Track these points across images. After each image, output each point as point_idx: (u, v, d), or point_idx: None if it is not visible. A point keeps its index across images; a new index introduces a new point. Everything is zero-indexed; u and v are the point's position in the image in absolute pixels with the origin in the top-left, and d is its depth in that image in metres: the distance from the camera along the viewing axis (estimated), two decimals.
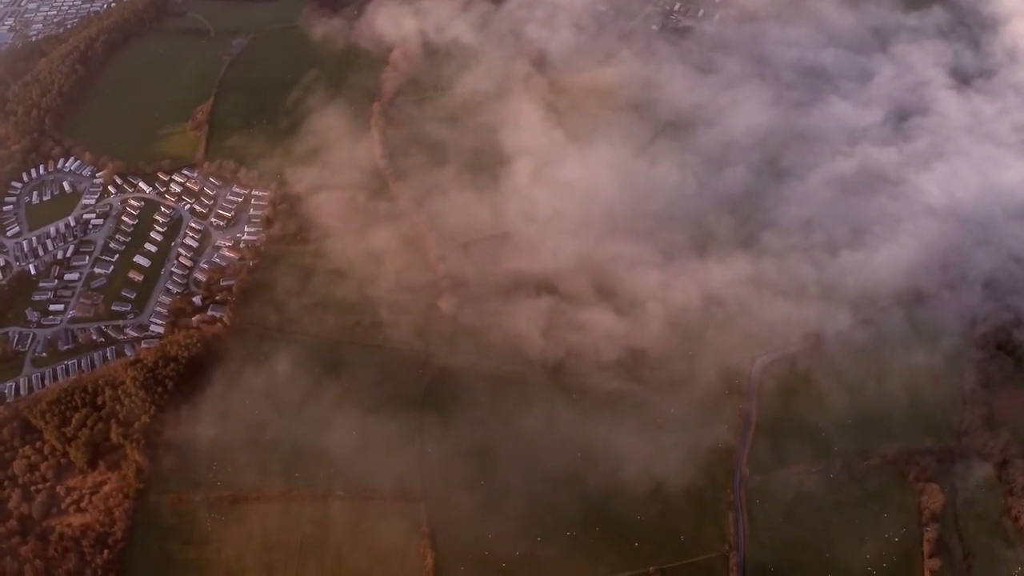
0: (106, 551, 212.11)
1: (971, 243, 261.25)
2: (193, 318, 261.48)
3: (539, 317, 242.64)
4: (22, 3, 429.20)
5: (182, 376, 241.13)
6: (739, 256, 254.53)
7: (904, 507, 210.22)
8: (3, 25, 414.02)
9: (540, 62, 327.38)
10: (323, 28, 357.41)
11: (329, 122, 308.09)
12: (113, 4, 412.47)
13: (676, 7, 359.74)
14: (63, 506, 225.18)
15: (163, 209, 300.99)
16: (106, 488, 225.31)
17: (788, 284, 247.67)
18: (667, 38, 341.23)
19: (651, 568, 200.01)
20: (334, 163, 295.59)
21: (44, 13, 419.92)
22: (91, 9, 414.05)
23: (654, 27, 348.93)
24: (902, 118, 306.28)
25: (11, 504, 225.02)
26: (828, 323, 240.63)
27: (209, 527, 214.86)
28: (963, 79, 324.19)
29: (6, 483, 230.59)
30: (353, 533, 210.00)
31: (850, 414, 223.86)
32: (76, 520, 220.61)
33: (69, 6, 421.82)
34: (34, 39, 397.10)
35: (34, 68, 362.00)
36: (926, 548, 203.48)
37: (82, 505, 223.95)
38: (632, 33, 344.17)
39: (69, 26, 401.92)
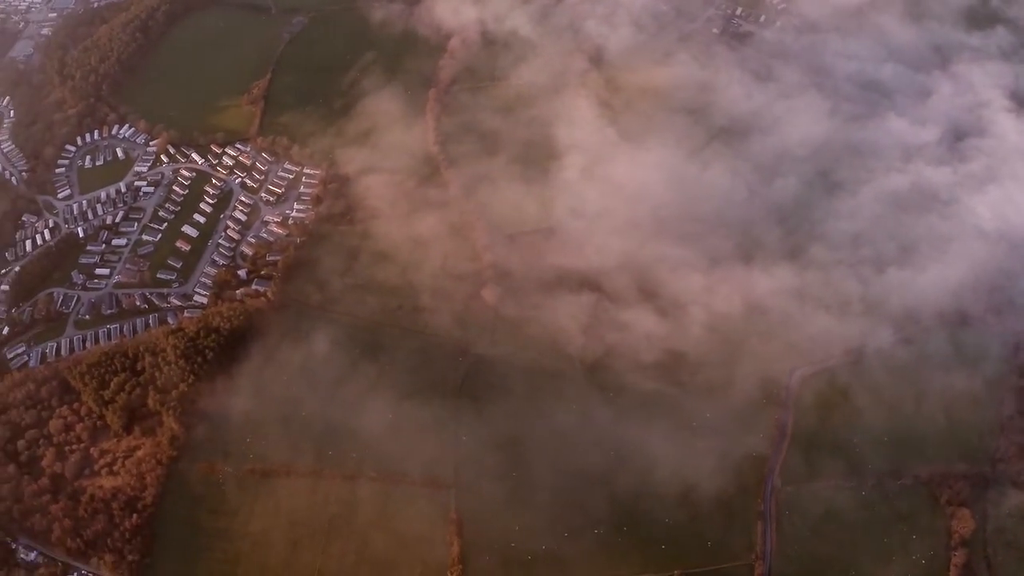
0: (135, 515, 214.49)
1: (1020, 268, 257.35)
2: (237, 291, 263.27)
3: (580, 313, 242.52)
4: None
5: (222, 347, 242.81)
6: (785, 266, 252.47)
7: (933, 530, 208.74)
8: None
9: (597, 59, 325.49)
10: (382, 12, 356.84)
11: (383, 105, 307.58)
12: None
13: (738, 11, 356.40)
14: (96, 468, 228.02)
15: (214, 181, 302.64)
16: (139, 453, 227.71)
17: (832, 298, 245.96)
18: (727, 42, 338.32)
19: (676, 572, 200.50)
20: (385, 146, 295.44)
21: None
22: None
23: (715, 30, 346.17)
24: (958, 138, 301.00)
25: (44, 462, 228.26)
26: (870, 339, 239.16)
27: (238, 499, 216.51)
28: (1022, 102, 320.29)
29: (41, 441, 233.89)
30: (380, 516, 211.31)
31: (886, 432, 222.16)
32: (108, 483, 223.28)
33: None
34: (96, 6, 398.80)
35: (94, 34, 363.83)
36: (952, 573, 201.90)
37: (114, 468, 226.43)
38: (692, 35, 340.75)
39: None
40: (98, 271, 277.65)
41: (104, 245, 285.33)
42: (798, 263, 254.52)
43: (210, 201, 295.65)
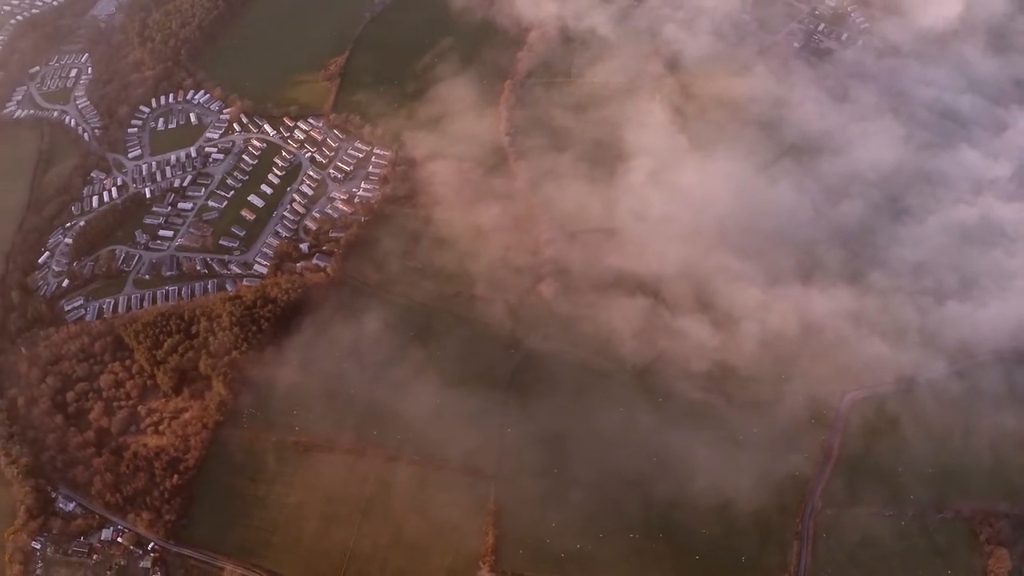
0: (176, 476, 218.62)
1: None
2: (297, 264, 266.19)
3: (634, 317, 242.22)
4: None
5: (277, 318, 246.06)
6: (844, 289, 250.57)
7: (970, 568, 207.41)
8: None
9: (673, 64, 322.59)
10: None
11: (456, 92, 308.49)
12: None
13: (820, 27, 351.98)
14: (142, 426, 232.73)
15: (284, 154, 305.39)
16: (186, 415, 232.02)
17: (888, 324, 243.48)
18: (806, 58, 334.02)
19: None
20: (455, 133, 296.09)
21: None
22: None
23: (795, 44, 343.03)
24: None
25: (92, 416, 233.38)
26: (923, 369, 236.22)
27: (278, 469, 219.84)
28: None
29: (90, 395, 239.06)
30: (417, 500, 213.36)
31: (931, 464, 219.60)
32: (152, 441, 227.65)
33: None
34: None
35: None
36: None
37: (160, 428, 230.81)
38: (772, 48, 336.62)
39: None
40: (162, 232, 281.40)
41: (170, 208, 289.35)
42: (857, 287, 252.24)
43: (278, 173, 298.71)
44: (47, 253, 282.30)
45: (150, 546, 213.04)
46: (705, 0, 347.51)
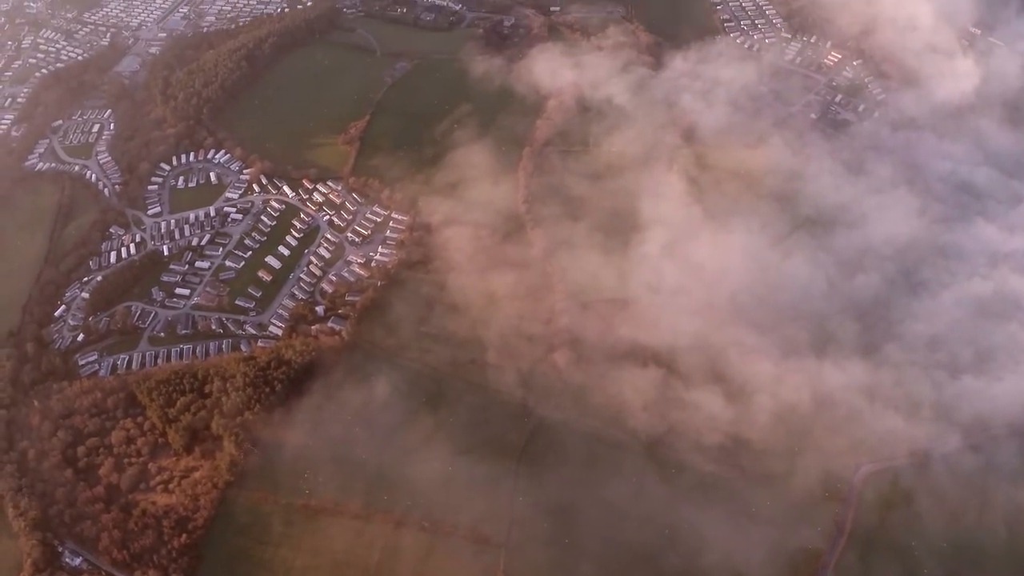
0: (184, 535, 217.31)
1: None
2: (313, 326, 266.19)
3: (646, 388, 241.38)
4: None
5: (291, 380, 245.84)
6: (857, 363, 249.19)
7: None
8: (178, 13, 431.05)
9: (690, 135, 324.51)
10: (484, 65, 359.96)
11: (474, 158, 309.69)
12: (286, 9, 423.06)
13: (837, 98, 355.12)
14: (151, 483, 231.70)
15: (302, 216, 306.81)
16: (196, 474, 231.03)
17: (903, 398, 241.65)
18: (823, 129, 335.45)
19: None
20: (471, 199, 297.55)
21: (219, 7, 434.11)
22: (264, 11, 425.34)
23: (812, 116, 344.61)
24: None
25: (102, 471, 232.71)
26: (937, 443, 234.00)
27: (285, 532, 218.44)
28: None
29: (101, 450, 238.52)
30: (425, 567, 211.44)
31: (945, 539, 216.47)
32: (161, 499, 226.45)
33: (244, 4, 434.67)
34: (205, 30, 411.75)
35: (201, 58, 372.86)
36: None
37: (170, 486, 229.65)
38: (788, 119, 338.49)
39: (241, 23, 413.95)
40: (178, 290, 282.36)
41: (187, 266, 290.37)
42: (871, 361, 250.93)
43: (296, 235, 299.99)
44: (63, 306, 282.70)
45: None
46: (722, 71, 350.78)
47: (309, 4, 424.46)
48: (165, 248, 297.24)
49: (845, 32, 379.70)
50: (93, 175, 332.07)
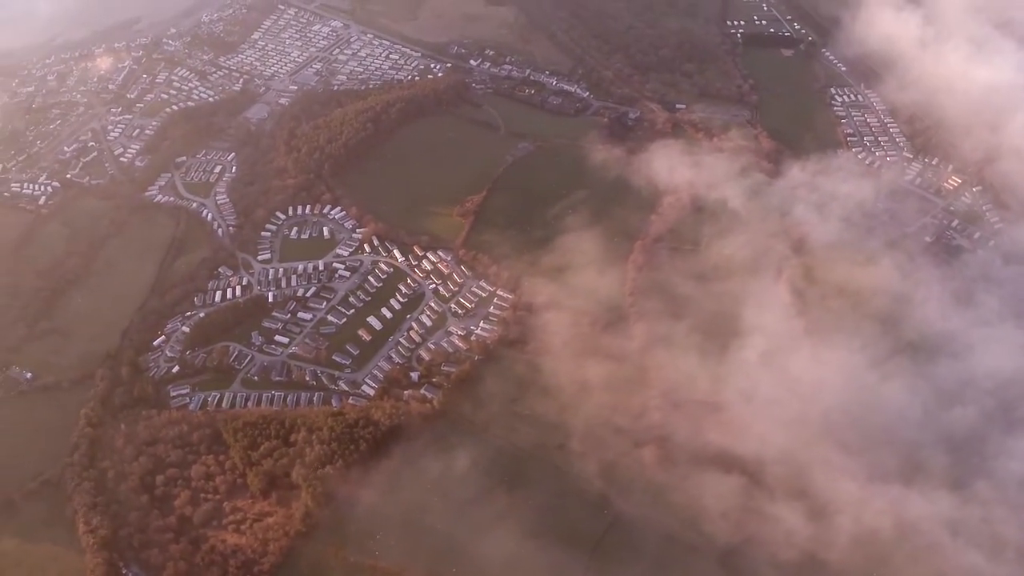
0: None
1: None
2: (405, 391, 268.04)
3: (727, 494, 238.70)
4: (333, 52, 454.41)
5: (376, 441, 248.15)
6: (944, 495, 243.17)
7: None
8: (311, 68, 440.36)
9: (800, 246, 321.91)
10: (603, 154, 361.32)
11: (583, 245, 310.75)
12: (417, 77, 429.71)
13: (954, 224, 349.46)
14: (224, 522, 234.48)
15: (409, 281, 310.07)
16: (269, 520, 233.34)
17: (987, 536, 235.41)
18: (936, 254, 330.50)
19: None
20: (575, 285, 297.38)
21: (351, 68, 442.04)
22: (396, 76, 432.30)
23: (927, 238, 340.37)
24: None
25: (177, 502, 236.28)
26: None
27: None
28: None
29: (179, 482, 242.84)
30: None
31: None
32: (231, 539, 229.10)
33: (376, 68, 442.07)
34: (335, 88, 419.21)
35: (328, 115, 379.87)
36: None
37: (242, 528, 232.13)
38: (901, 240, 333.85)
39: (371, 86, 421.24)
40: (278, 338, 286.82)
41: (289, 315, 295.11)
42: (959, 495, 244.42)
43: (401, 299, 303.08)
44: (163, 337, 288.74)
45: None
46: (840, 185, 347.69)
47: (440, 75, 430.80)
48: (270, 295, 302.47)
49: (967, 157, 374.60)
50: (209, 214, 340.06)
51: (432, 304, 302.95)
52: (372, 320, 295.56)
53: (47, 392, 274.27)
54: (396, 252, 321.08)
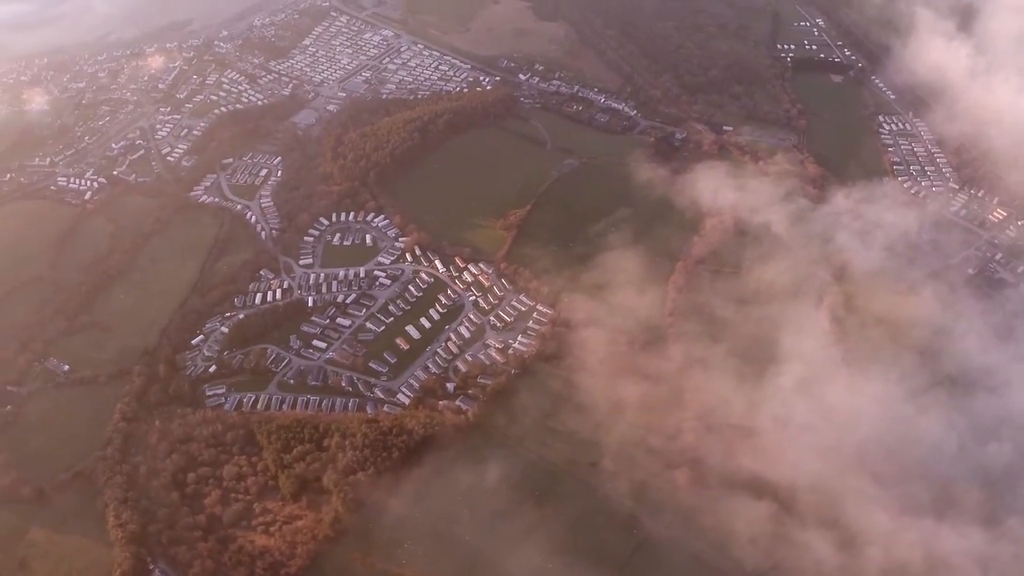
0: None
1: None
2: (440, 402, 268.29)
3: (757, 520, 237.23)
4: (383, 61, 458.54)
5: (409, 450, 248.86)
6: (976, 531, 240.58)
7: None
8: (360, 76, 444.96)
9: (841, 273, 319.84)
10: (648, 174, 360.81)
11: (624, 263, 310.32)
12: (466, 89, 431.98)
13: (997, 256, 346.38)
14: (253, 523, 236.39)
15: (449, 292, 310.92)
16: (299, 523, 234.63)
17: (1018, 574, 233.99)
18: (978, 286, 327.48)
19: None
20: (614, 303, 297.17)
21: (400, 77, 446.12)
22: (444, 87, 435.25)
23: (970, 271, 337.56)
24: None
25: (207, 501, 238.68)
26: None
27: None
28: None
29: (211, 481, 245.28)
30: None
31: None
32: (259, 540, 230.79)
33: (425, 78, 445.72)
34: (384, 97, 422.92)
35: (375, 123, 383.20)
36: None
37: (271, 529, 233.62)
38: (943, 272, 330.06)
39: (419, 96, 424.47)
40: (316, 342, 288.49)
41: (328, 320, 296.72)
42: (992, 531, 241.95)
43: (440, 310, 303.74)
44: (201, 336, 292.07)
45: None
46: (884, 214, 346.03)
47: (488, 88, 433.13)
48: (310, 299, 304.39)
49: (1014, 190, 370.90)
50: (253, 216, 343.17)
51: (471, 316, 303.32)
52: (411, 329, 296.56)
53: (84, 385, 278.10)
54: (438, 262, 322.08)
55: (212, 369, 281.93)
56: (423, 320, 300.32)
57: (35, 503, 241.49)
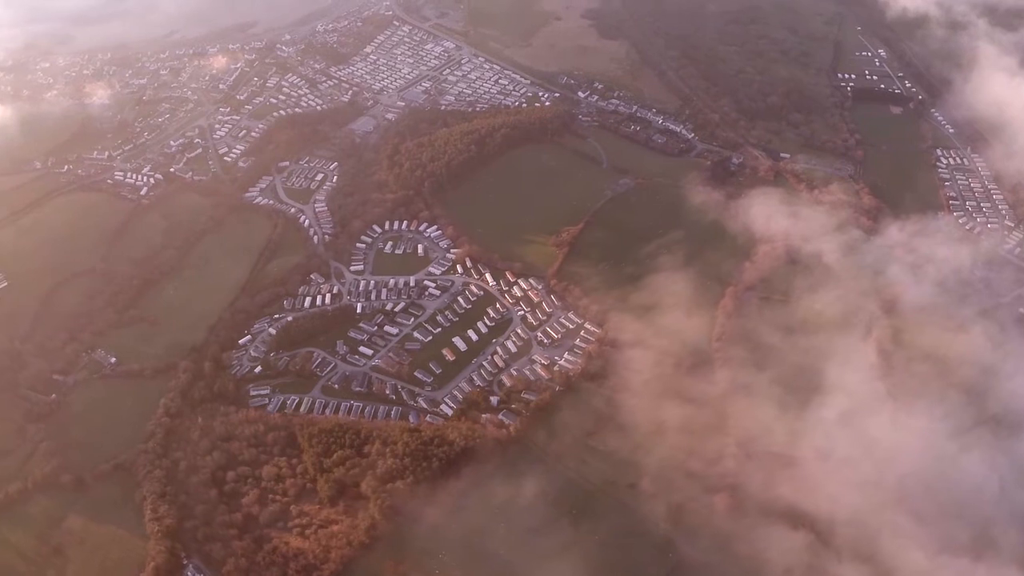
0: None
1: None
2: (483, 415, 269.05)
3: (793, 550, 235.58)
4: (443, 72, 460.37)
5: (449, 461, 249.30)
6: (1014, 573, 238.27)
7: None
8: (420, 86, 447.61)
9: (891, 307, 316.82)
10: (701, 197, 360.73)
11: (673, 286, 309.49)
12: (524, 104, 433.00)
13: None
14: (289, 524, 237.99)
15: (498, 306, 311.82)
16: (335, 528, 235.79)
17: None
18: None
19: None
20: (662, 325, 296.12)
21: (460, 89, 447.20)
22: (503, 101, 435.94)
23: (1022, 310, 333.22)
24: None
25: (245, 500, 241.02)
26: None
27: None
28: None
29: (249, 480, 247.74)
30: None
31: None
32: (294, 542, 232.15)
33: (484, 91, 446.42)
34: (443, 108, 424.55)
35: (433, 133, 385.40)
36: None
37: (306, 532, 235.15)
38: (994, 310, 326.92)
39: (478, 108, 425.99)
40: (362, 349, 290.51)
41: (376, 327, 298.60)
42: None
43: (488, 323, 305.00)
44: (249, 336, 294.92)
45: None
46: (937, 249, 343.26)
47: (547, 104, 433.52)
48: (359, 306, 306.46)
49: None
50: (306, 220, 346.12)
51: (519, 331, 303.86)
52: (457, 341, 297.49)
53: (129, 378, 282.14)
54: (488, 276, 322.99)
55: (257, 370, 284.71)
56: (470, 332, 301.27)
57: (74, 491, 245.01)
